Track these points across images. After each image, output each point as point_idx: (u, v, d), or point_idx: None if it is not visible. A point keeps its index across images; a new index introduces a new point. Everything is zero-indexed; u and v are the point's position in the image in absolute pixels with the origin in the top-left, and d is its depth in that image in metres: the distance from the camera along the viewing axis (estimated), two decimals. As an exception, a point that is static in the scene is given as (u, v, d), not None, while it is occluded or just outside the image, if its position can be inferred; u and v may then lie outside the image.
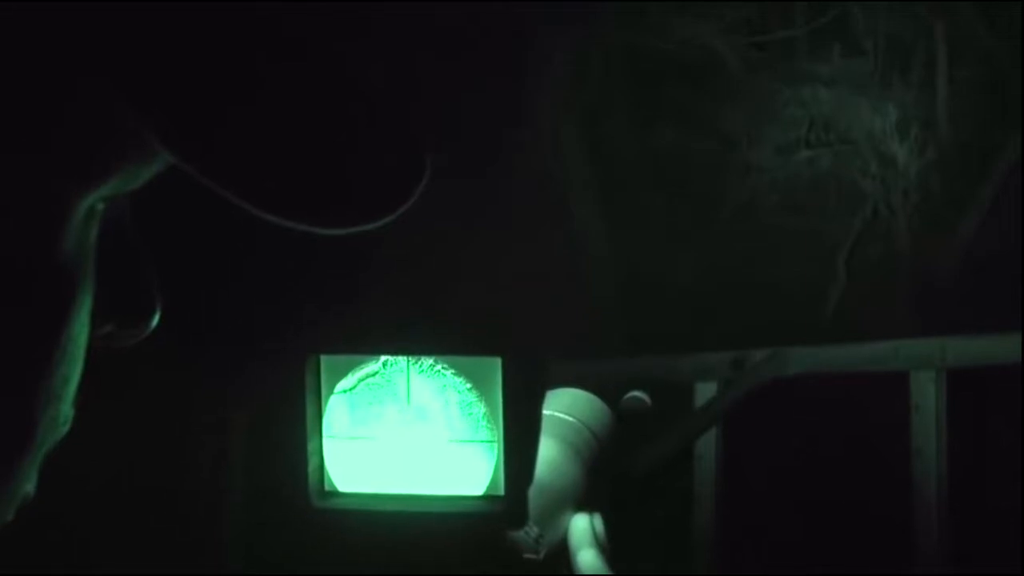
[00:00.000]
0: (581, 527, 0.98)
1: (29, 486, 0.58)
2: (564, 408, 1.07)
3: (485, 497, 0.85)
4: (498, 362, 0.83)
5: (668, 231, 8.15)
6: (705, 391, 4.66)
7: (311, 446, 0.85)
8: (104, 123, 0.52)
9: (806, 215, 8.18)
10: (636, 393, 1.18)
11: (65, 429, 0.59)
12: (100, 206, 0.56)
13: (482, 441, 0.84)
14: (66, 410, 0.58)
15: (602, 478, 1.05)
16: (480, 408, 0.84)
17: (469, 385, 0.83)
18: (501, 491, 0.84)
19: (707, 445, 4.64)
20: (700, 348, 4.88)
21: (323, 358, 0.85)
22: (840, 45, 8.79)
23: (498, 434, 0.84)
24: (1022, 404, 4.43)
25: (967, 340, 4.31)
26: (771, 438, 5.29)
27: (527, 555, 0.90)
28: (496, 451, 0.84)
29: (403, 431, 0.84)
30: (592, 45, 7.98)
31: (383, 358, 0.84)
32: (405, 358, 0.84)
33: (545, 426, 0.89)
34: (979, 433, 4.67)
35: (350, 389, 0.84)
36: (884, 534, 4.71)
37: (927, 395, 4.20)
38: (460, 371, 0.83)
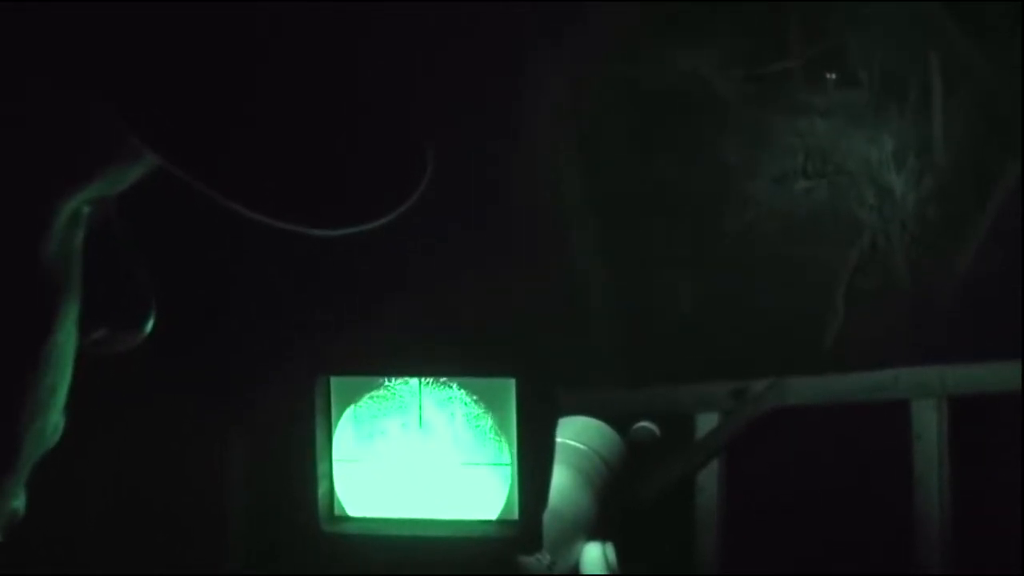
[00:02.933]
0: (594, 556, 0.97)
1: (17, 503, 0.56)
2: (575, 436, 1.05)
3: (499, 521, 0.83)
4: (511, 383, 0.81)
5: (665, 261, 8.14)
6: (706, 422, 4.65)
7: (320, 470, 0.83)
8: (85, 124, 0.50)
9: (803, 245, 8.18)
10: (645, 423, 1.16)
11: (55, 439, 0.57)
12: (85, 209, 0.54)
13: (495, 464, 0.82)
14: (55, 419, 0.56)
15: (614, 507, 1.03)
16: (493, 430, 0.82)
17: (482, 407, 0.82)
18: (515, 515, 0.83)
19: (709, 476, 4.63)
20: (700, 378, 4.87)
21: (333, 379, 0.83)
22: (836, 76, 8.81)
23: (512, 456, 0.82)
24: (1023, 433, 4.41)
25: (968, 368, 4.30)
26: (772, 469, 5.26)
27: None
28: (510, 474, 0.82)
29: (413, 452, 0.83)
30: (588, 76, 8.00)
31: None
32: (417, 379, 0.82)
33: (556, 454, 0.87)
34: (981, 462, 4.64)
35: (354, 403, 0.83)
36: (886, 564, 4.68)
37: (928, 424, 4.19)
38: (472, 392, 0.82)
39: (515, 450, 0.82)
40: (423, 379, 0.82)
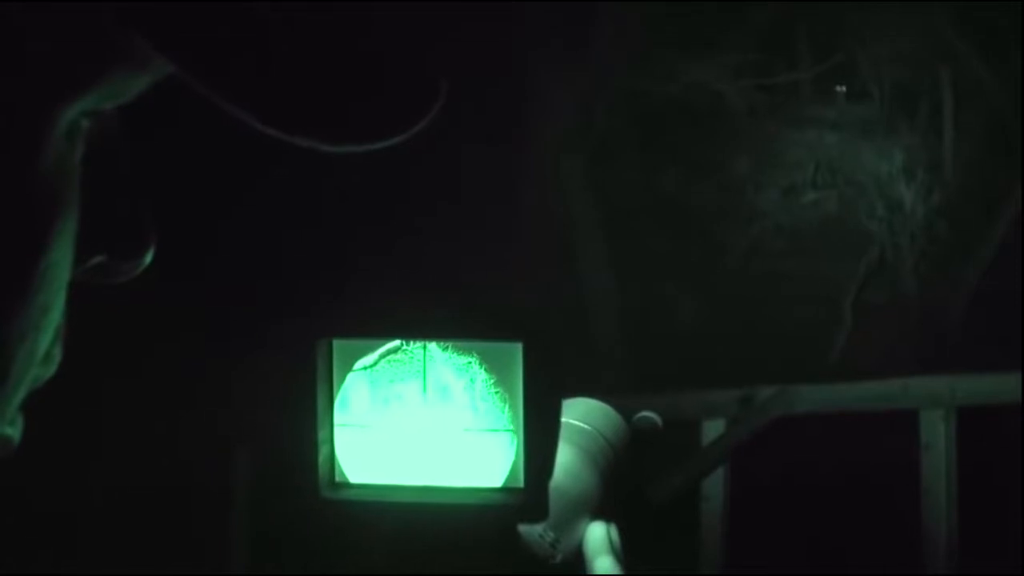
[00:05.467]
0: (598, 534, 0.95)
1: (11, 430, 0.54)
2: (578, 416, 1.04)
3: (504, 489, 0.81)
4: (518, 348, 0.80)
5: (674, 274, 8.14)
6: (712, 429, 4.62)
7: (321, 434, 0.81)
8: (85, 29, 0.48)
9: (812, 257, 8.18)
10: (647, 413, 1.14)
11: (51, 369, 0.55)
12: (84, 122, 0.52)
13: (501, 430, 0.81)
14: (47, 344, 0.54)
15: (618, 488, 1.01)
16: (499, 395, 0.80)
17: (488, 372, 0.80)
18: (521, 483, 0.81)
19: (714, 485, 4.60)
20: (707, 386, 4.85)
21: (335, 342, 0.81)
22: (846, 89, 8.81)
23: (517, 423, 0.80)
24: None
25: (977, 378, 4.28)
26: (778, 476, 5.25)
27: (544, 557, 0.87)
28: (516, 440, 0.81)
29: (419, 417, 0.81)
30: (597, 89, 8.00)
31: None
32: (422, 342, 0.80)
33: (560, 432, 0.86)
34: (990, 473, 4.62)
35: (371, 366, 0.81)
36: (894, 574, 4.66)
37: (937, 434, 4.16)
38: (479, 357, 0.80)
39: (521, 415, 0.80)
40: (441, 345, 0.80)
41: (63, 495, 4.61)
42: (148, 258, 0.58)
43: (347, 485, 0.82)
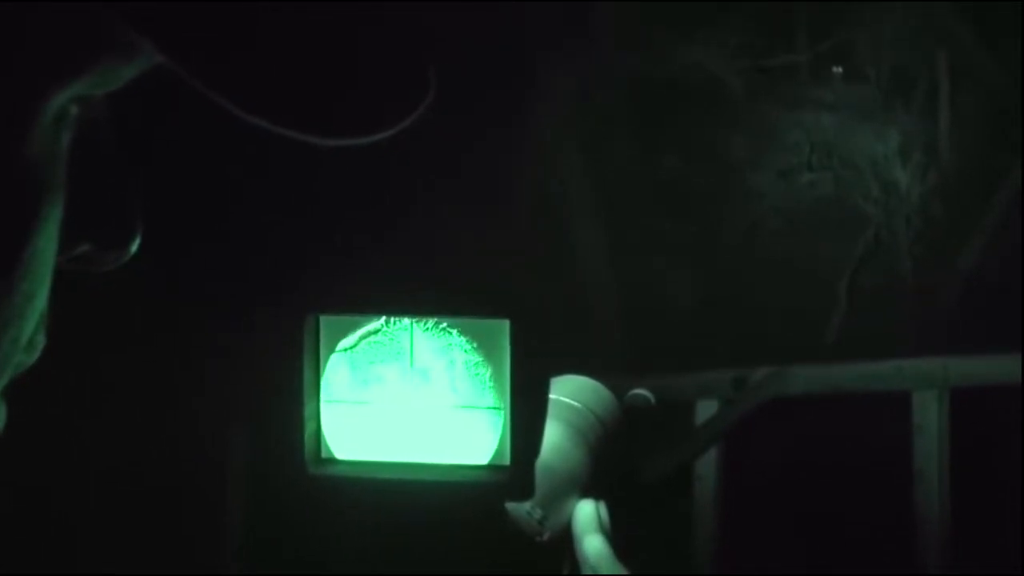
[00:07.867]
0: (587, 512, 0.95)
1: None
2: (569, 393, 1.03)
3: (490, 466, 0.81)
4: (505, 325, 0.79)
5: (671, 255, 8.14)
6: (706, 409, 4.62)
7: (308, 410, 0.81)
8: (76, 17, 0.48)
9: (807, 239, 8.18)
10: (640, 391, 1.14)
11: (34, 356, 0.55)
12: (73, 109, 0.52)
13: (487, 408, 0.80)
14: (29, 331, 0.53)
15: (608, 466, 1.01)
16: (486, 373, 0.80)
17: (475, 349, 0.80)
18: (507, 461, 0.81)
19: (707, 465, 4.60)
20: (702, 366, 4.85)
21: (322, 319, 0.81)
22: (843, 71, 8.80)
23: (504, 400, 0.80)
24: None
25: (970, 360, 4.28)
26: (771, 458, 5.25)
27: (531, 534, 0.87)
28: (502, 418, 0.80)
29: (405, 394, 0.81)
30: (595, 71, 7.99)
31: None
32: (409, 319, 0.80)
33: (550, 410, 0.85)
34: (982, 454, 4.62)
35: (351, 347, 0.81)
36: (886, 556, 4.67)
37: (929, 415, 4.16)
38: (466, 334, 0.80)
39: (508, 393, 0.80)
40: (420, 323, 0.80)
41: (52, 485, 4.60)
42: (134, 247, 0.57)
43: (334, 461, 0.82)
